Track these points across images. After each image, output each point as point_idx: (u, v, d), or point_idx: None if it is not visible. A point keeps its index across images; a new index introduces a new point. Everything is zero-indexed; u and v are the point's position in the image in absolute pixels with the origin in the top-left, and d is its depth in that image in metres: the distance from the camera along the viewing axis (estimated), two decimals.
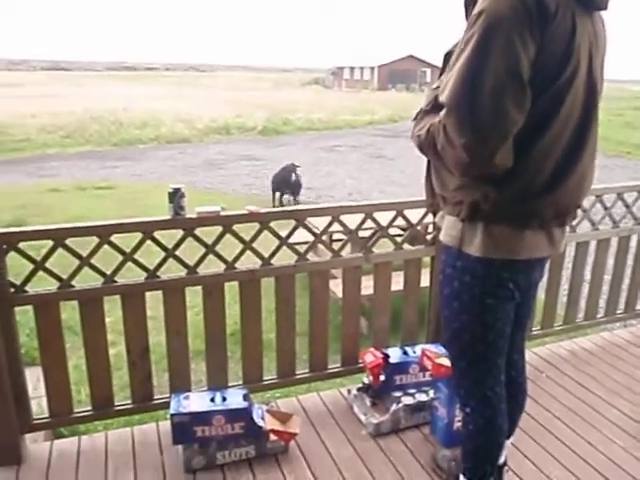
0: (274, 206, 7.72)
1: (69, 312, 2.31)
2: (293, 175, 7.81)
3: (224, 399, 2.14)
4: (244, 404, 2.12)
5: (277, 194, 7.96)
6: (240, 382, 2.44)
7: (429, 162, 1.60)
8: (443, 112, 1.34)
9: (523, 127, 1.31)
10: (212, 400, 2.13)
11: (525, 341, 1.86)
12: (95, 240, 2.05)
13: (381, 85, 45.48)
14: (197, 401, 2.13)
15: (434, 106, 1.42)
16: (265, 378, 2.48)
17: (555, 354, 3.03)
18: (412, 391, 2.42)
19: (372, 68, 47.93)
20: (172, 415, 2.05)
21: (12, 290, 2.01)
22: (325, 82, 54.81)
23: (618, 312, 3.28)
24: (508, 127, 1.28)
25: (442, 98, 1.35)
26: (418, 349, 2.45)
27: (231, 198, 8.28)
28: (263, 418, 2.17)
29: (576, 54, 1.32)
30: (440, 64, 1.54)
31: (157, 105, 22.93)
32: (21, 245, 1.97)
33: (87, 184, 9.08)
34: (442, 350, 2.28)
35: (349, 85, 48.96)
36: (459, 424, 2.05)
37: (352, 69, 52.33)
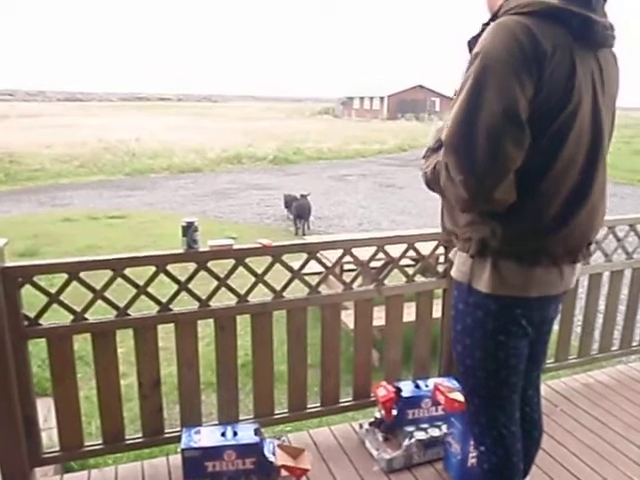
0: (296, 232, 8.14)
1: (81, 342, 2.33)
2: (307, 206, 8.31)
3: (235, 434, 2.13)
4: (255, 439, 2.11)
5: (298, 221, 8.32)
6: (251, 416, 2.42)
7: (442, 200, 1.62)
8: (443, 150, 1.37)
9: (527, 164, 1.33)
10: (223, 435, 2.12)
11: (540, 377, 1.84)
12: (109, 273, 2.07)
13: (391, 114, 45.92)
14: (208, 436, 2.11)
15: (441, 144, 1.45)
16: (276, 412, 2.46)
17: (570, 387, 2.98)
18: (425, 426, 2.39)
19: (382, 98, 48.45)
20: (183, 450, 2.04)
21: (26, 323, 2.02)
22: (335, 112, 55.42)
23: (634, 344, 3.23)
24: (505, 164, 1.30)
25: (442, 136, 1.38)
26: (431, 383, 2.43)
27: (242, 227, 8.33)
28: (274, 453, 2.15)
29: (577, 92, 1.34)
30: (448, 94, 1.59)
31: (170, 135, 23.29)
32: (36, 278, 1.99)
33: (99, 213, 9.18)
34: (455, 384, 2.26)
35: (359, 114, 49.46)
36: (474, 460, 2.02)
37: (362, 99, 52.92)
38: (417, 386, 2.45)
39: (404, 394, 2.39)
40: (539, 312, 1.56)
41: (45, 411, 2.47)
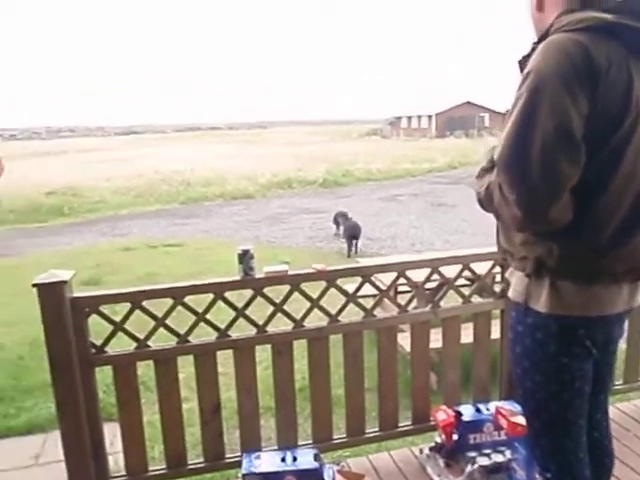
0: (348, 254, 8.17)
1: (144, 368, 2.39)
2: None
3: (295, 459, 2.14)
4: (315, 464, 2.11)
5: (353, 242, 8.37)
6: (310, 440, 2.42)
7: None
8: (496, 170, 1.36)
9: (583, 182, 1.30)
10: (283, 460, 2.13)
11: (608, 400, 1.77)
12: (169, 301, 2.14)
13: (439, 132, 45.60)
14: (268, 461, 2.13)
15: (493, 164, 1.44)
16: (335, 437, 2.45)
17: None
18: (487, 451, 2.32)
19: (429, 116, 48.26)
20: (244, 475, 2.06)
21: (93, 351, 2.11)
22: (383, 132, 55.51)
23: None
24: (560, 183, 1.28)
25: (495, 156, 1.37)
26: (492, 406, 2.37)
27: (295, 251, 8.40)
28: (334, 479, 2.14)
29: (635, 107, 1.31)
30: (497, 109, 1.58)
31: (222, 163, 23.86)
32: (101, 307, 2.08)
33: (157, 242, 9.45)
34: (517, 407, 2.20)
35: (407, 134, 49.35)
36: None
37: (409, 118, 52.86)
38: (478, 410, 2.40)
39: (465, 418, 2.34)
40: (602, 332, 1.51)
41: (111, 436, 2.55)
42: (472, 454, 2.31)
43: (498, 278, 2.69)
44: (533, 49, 1.38)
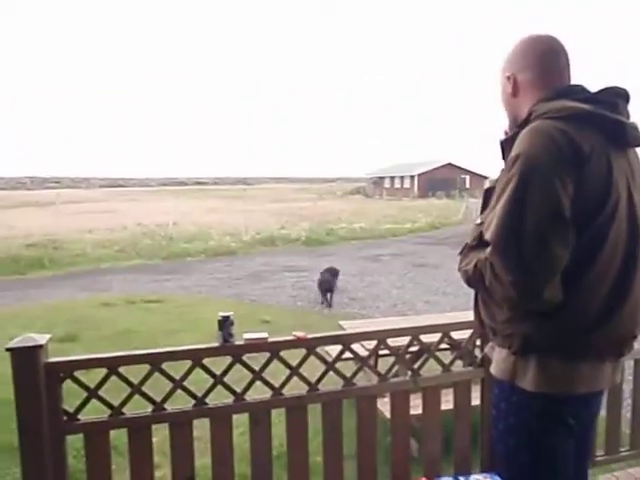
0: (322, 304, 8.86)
1: (116, 432, 2.32)
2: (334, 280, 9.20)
3: None
4: None
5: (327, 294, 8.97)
6: None
7: (476, 294, 1.62)
8: (489, 250, 1.39)
9: (570, 261, 1.35)
10: None
11: (588, 470, 1.76)
12: (146, 367, 2.10)
13: (421, 193, 46.46)
14: None
15: (479, 242, 1.47)
16: None
17: None
18: None
19: (412, 176, 49.24)
20: None
21: (65, 418, 2.05)
22: (366, 191, 56.41)
23: None
24: (555, 264, 1.32)
25: (487, 236, 1.40)
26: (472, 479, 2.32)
27: (276, 310, 8.34)
28: None
29: (615, 190, 1.38)
30: (478, 171, 1.64)
31: (206, 218, 23.95)
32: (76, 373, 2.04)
33: (137, 298, 9.34)
34: None
35: (390, 193, 50.19)
36: None
37: (392, 178, 53.89)
38: None
39: None
40: (585, 408, 1.52)
41: None
42: None
43: (478, 342, 2.70)
44: (516, 133, 1.45)
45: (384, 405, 2.74)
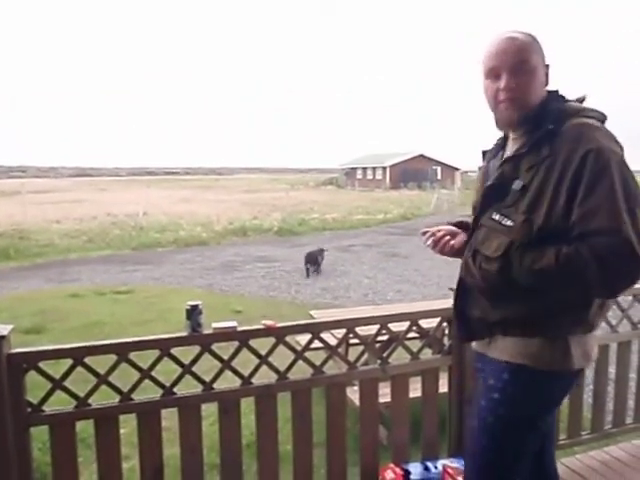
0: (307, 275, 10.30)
1: (82, 424, 2.29)
2: (319, 257, 10.74)
3: None
4: None
5: (308, 266, 10.45)
6: None
7: (468, 291, 1.65)
8: (606, 238, 1.37)
9: None
10: None
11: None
12: (113, 358, 2.08)
13: (393, 184, 46.66)
14: None
15: (531, 239, 1.47)
16: None
17: (586, 465, 2.88)
18: None
19: (384, 168, 49.38)
20: None
21: (29, 410, 2.01)
22: (339, 182, 56.41)
23: None
24: None
25: (595, 225, 1.39)
26: (440, 464, 2.37)
27: (247, 300, 8.32)
28: None
29: None
30: (450, 162, 1.76)
31: (177, 208, 23.69)
32: (40, 364, 2.00)
33: (106, 289, 9.20)
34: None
35: (362, 184, 50.29)
36: None
37: (364, 169, 53.96)
38: (426, 468, 2.40)
39: (413, 477, 2.33)
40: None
41: None
42: None
43: (447, 331, 2.74)
44: (549, 131, 1.49)
45: (353, 393, 2.77)
